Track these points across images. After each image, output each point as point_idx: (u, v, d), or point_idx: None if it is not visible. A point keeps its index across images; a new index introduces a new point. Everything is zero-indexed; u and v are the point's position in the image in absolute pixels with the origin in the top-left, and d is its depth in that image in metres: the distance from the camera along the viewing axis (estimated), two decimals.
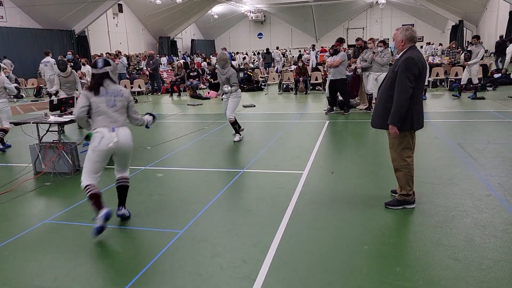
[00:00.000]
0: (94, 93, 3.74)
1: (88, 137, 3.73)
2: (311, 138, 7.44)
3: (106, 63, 3.84)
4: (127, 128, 3.89)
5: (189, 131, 8.63)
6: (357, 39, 10.75)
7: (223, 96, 7.71)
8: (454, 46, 17.76)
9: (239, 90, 7.55)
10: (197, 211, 4.24)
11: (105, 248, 3.56)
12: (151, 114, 4.37)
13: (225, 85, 7.38)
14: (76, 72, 13.22)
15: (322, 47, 24.20)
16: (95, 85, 3.78)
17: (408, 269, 3.00)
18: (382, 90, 4.01)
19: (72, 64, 13.02)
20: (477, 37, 11.47)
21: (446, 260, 3.09)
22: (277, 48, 29.40)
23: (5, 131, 7.43)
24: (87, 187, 3.70)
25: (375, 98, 9.50)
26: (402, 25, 36.45)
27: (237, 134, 7.60)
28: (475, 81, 11.34)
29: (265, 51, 24.06)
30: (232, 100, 7.41)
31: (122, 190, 4.08)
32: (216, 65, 7.72)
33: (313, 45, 23.87)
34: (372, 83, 9.45)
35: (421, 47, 27.85)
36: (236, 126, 7.57)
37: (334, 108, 10.17)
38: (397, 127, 3.85)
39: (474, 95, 11.41)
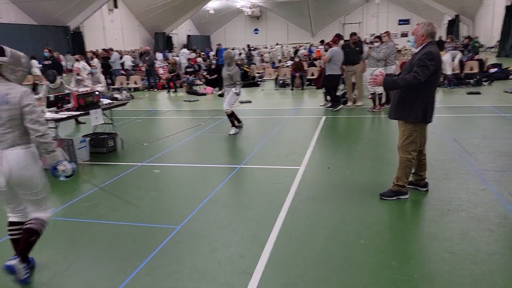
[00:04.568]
0: None
1: None
2: (307, 134, 7.46)
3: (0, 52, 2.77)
4: (20, 148, 2.80)
5: (185, 127, 8.63)
6: (352, 34, 10.17)
7: (222, 92, 7.96)
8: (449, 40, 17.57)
9: (240, 87, 7.88)
10: (194, 207, 4.25)
11: (103, 244, 3.57)
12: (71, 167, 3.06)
13: (236, 87, 7.65)
14: (63, 70, 13.04)
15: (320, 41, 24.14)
16: None
17: (404, 263, 3.03)
18: None
19: (50, 62, 12.77)
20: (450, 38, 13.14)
21: (441, 254, 3.12)
22: (277, 44, 29.30)
23: None
24: (8, 227, 3.01)
25: (370, 93, 9.53)
26: (399, 20, 36.14)
27: (232, 127, 7.75)
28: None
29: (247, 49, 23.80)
30: (232, 94, 7.67)
31: (25, 236, 2.93)
32: (213, 61, 8.04)
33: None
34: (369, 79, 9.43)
35: None
36: (232, 118, 7.77)
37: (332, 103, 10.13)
38: (401, 117, 4.01)
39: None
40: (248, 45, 23.58)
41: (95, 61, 15.38)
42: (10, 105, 2.73)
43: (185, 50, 21.04)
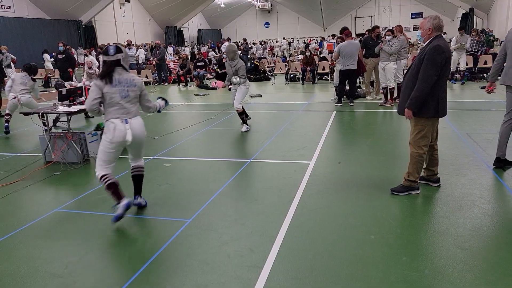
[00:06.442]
0: (106, 82, 3.63)
1: (98, 127, 3.77)
2: (318, 128, 7.42)
3: (118, 50, 3.71)
4: (140, 118, 3.88)
5: (196, 121, 8.66)
6: (375, 27, 10.03)
7: (231, 86, 7.66)
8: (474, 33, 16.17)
9: (247, 81, 7.58)
10: (204, 201, 4.28)
11: (114, 236, 3.62)
12: (163, 99, 4.36)
13: (234, 76, 7.37)
14: (75, 63, 13.10)
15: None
16: (107, 73, 3.66)
17: (414, 258, 3.01)
18: (408, 77, 4.01)
19: (64, 55, 12.76)
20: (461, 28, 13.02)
21: (452, 250, 3.09)
22: (283, 38, 29.06)
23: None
24: (103, 177, 3.74)
25: (382, 87, 9.44)
26: (411, 13, 35.70)
27: (244, 124, 7.59)
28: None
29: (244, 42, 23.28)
30: (240, 91, 7.44)
31: (137, 179, 4.14)
32: (224, 55, 7.76)
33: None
34: (381, 73, 9.36)
35: None
36: (243, 116, 7.58)
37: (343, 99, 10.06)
38: (414, 113, 3.93)
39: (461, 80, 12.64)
40: (245, 39, 23.12)
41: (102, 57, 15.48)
42: (136, 87, 3.78)
43: (227, 43, 20.88)
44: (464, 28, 12.61)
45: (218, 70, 15.82)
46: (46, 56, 19.35)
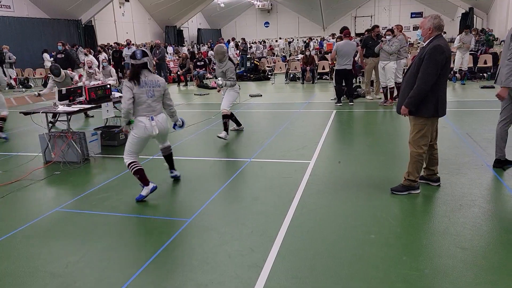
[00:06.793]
0: (135, 84, 4.10)
1: (130, 123, 4.23)
2: (318, 128, 7.42)
3: (145, 54, 4.16)
4: (163, 114, 4.44)
5: (195, 120, 8.65)
6: (374, 26, 10.05)
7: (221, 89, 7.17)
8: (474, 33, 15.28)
9: (237, 84, 7.09)
10: (204, 200, 4.27)
11: (114, 236, 3.61)
12: (182, 120, 4.85)
13: (218, 78, 6.92)
14: (75, 62, 13.04)
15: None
16: (135, 76, 4.12)
17: (414, 258, 3.01)
18: (408, 76, 4.00)
19: (63, 55, 12.70)
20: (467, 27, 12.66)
21: (453, 249, 3.09)
22: (280, 38, 29.00)
23: (3, 119, 7.55)
24: (131, 164, 4.30)
25: (382, 87, 9.45)
26: (411, 12, 35.70)
27: (224, 131, 6.88)
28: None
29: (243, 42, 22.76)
30: (229, 94, 6.99)
31: (168, 157, 4.89)
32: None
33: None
34: (381, 72, 9.37)
35: None
36: (226, 120, 6.93)
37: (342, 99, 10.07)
38: (413, 112, 3.93)
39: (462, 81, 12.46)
40: (243, 39, 22.76)
41: (103, 56, 15.43)
42: (160, 87, 4.30)
43: (232, 43, 21.53)
44: (469, 28, 12.52)
45: None
46: (46, 55, 19.31)
